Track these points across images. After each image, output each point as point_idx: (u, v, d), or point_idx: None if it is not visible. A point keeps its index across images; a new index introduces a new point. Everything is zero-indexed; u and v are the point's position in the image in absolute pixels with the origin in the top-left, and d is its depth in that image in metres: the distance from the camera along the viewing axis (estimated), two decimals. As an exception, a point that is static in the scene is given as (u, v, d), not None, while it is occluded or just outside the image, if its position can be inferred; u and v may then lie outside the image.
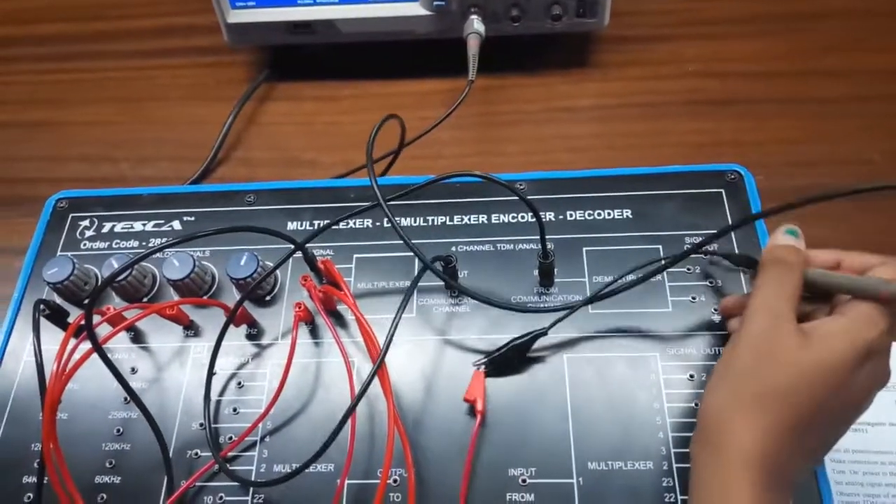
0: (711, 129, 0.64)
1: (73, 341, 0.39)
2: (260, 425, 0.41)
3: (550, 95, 0.67)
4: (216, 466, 0.40)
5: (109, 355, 0.38)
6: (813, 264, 0.37)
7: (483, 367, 0.41)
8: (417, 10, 0.64)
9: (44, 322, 0.43)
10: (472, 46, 0.62)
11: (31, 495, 0.40)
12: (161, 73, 0.72)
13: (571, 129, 0.65)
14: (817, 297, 0.37)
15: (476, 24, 0.63)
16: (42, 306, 0.41)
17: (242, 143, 0.66)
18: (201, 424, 0.42)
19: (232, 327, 0.42)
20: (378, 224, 0.48)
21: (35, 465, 0.41)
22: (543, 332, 0.41)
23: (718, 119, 0.64)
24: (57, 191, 0.54)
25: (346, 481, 0.39)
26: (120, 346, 0.44)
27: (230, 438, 0.41)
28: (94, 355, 0.37)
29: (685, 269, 0.45)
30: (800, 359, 0.32)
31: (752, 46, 0.68)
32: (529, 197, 0.41)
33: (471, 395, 0.40)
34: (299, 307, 0.42)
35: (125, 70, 0.72)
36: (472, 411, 0.40)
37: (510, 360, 0.41)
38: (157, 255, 0.46)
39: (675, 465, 0.39)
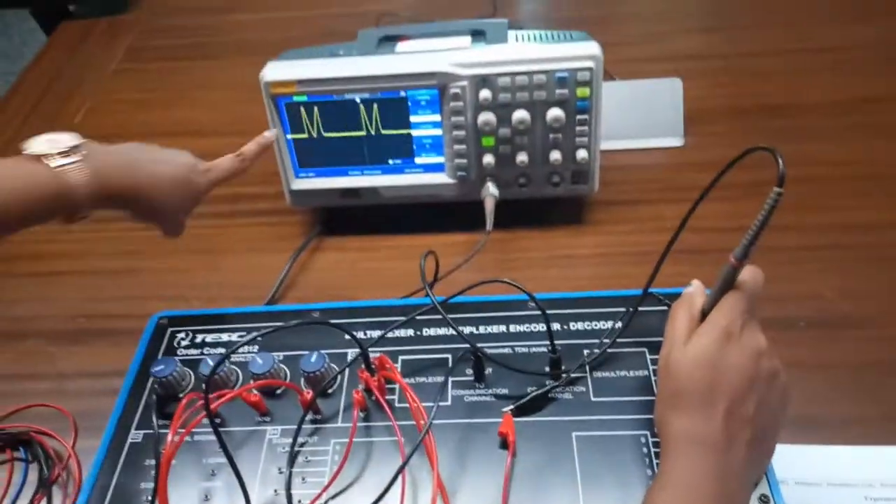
0: (690, 273, 0.75)
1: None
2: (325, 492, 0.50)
3: (553, 246, 0.80)
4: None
5: (199, 437, 0.49)
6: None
7: (511, 411, 0.52)
8: (444, 179, 0.79)
9: (145, 410, 0.53)
10: (489, 205, 0.77)
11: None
12: (231, 230, 0.86)
13: (572, 272, 0.78)
14: None
15: (491, 188, 0.78)
16: (157, 387, 0.51)
17: (296, 284, 0.79)
18: (276, 490, 0.50)
19: (301, 412, 0.52)
20: (418, 333, 0.59)
21: (144, 499, 0.51)
22: (556, 386, 0.53)
23: (696, 265, 0.75)
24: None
25: (396, 536, 0.48)
26: (209, 428, 0.54)
27: (299, 502, 0.50)
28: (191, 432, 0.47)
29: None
30: (683, 361, 0.46)
31: (723, 208, 0.82)
32: (539, 312, 0.53)
33: (503, 430, 0.51)
34: (358, 394, 0.52)
35: (201, 228, 0.86)
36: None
37: (531, 407, 0.51)
38: (241, 358, 0.57)
39: (666, 518, 0.47)
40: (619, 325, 0.58)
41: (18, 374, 0.73)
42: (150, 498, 0.51)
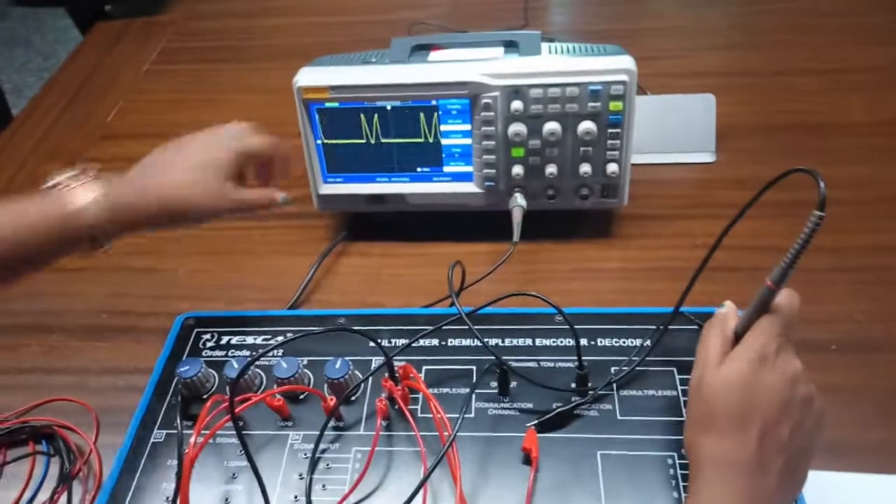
0: (720, 291, 0.74)
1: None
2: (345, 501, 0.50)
3: (580, 258, 0.79)
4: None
5: (221, 439, 0.49)
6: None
7: (535, 426, 0.52)
8: (472, 188, 0.79)
9: (168, 410, 0.53)
10: (516, 216, 0.76)
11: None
12: (258, 232, 0.86)
13: (598, 286, 0.77)
14: None
15: (519, 199, 0.77)
16: (181, 387, 0.51)
17: (321, 288, 0.79)
18: (296, 496, 0.50)
19: (323, 418, 0.52)
20: (443, 343, 0.59)
21: (165, 499, 0.51)
22: (581, 403, 0.53)
23: (726, 283, 0.74)
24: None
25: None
26: (231, 430, 0.54)
27: (319, 509, 0.50)
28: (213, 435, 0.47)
29: (696, 387, 0.54)
30: (716, 382, 0.45)
31: (754, 226, 0.80)
32: (567, 326, 0.52)
33: (526, 445, 0.50)
34: (381, 402, 0.52)
35: (224, 230, 0.87)
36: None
37: (555, 423, 0.51)
38: (266, 362, 0.57)
39: (692, 542, 0.46)
40: (647, 343, 0.57)
41: (42, 368, 0.74)
42: (170, 498, 0.51)
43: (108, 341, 0.76)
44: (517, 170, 0.76)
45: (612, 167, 0.75)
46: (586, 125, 0.71)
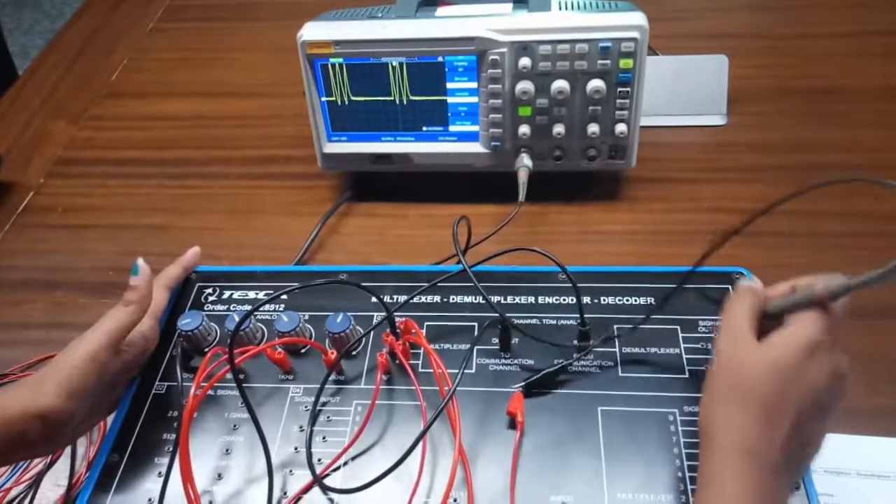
0: (726, 255, 0.73)
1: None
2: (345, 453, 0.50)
3: (586, 221, 0.79)
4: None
5: (223, 392, 0.49)
6: (772, 297, 0.46)
7: (521, 389, 0.52)
8: (478, 148, 0.78)
9: (169, 362, 0.53)
10: (522, 176, 0.75)
11: (161, 472, 0.50)
12: (262, 191, 0.86)
13: (604, 248, 0.76)
14: (778, 323, 0.45)
15: (525, 160, 0.76)
16: (182, 340, 0.52)
17: (325, 248, 0.79)
18: (296, 448, 0.50)
19: (324, 371, 0.52)
20: (445, 300, 0.59)
21: (166, 450, 0.52)
22: (577, 359, 0.53)
23: (731, 247, 0.74)
24: None
25: (414, 500, 0.47)
26: (233, 383, 0.54)
27: (319, 460, 0.50)
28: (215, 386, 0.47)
29: (699, 346, 0.54)
30: (758, 360, 0.41)
31: (760, 190, 0.80)
32: (570, 284, 0.52)
33: (512, 409, 0.50)
34: (382, 357, 0.52)
35: (233, 188, 0.87)
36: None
37: (556, 379, 0.51)
38: (267, 316, 0.57)
39: (690, 498, 0.46)
40: (652, 301, 0.56)
41: (48, 324, 0.74)
42: (171, 448, 0.51)
43: (114, 297, 0.75)
44: (524, 129, 0.75)
45: (620, 127, 0.74)
46: (595, 83, 0.70)
